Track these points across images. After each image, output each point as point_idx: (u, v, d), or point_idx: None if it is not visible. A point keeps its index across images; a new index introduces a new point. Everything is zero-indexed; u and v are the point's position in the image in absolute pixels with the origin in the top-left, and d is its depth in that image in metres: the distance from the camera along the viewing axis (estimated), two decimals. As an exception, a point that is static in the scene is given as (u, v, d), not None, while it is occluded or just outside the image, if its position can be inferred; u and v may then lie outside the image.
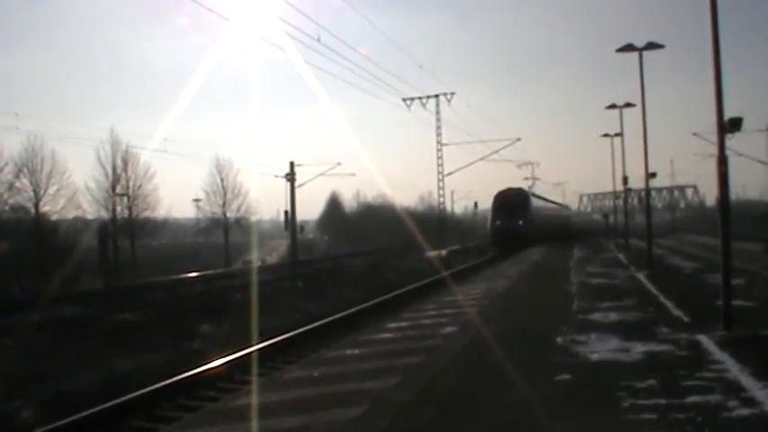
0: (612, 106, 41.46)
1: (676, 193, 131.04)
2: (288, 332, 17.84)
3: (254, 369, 13.95)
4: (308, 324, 19.42)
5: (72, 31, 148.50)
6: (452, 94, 52.07)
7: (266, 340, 16.64)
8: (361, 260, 52.35)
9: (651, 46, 28.42)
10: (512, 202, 54.38)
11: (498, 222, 53.88)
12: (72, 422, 10.63)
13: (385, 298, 25.22)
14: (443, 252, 53.95)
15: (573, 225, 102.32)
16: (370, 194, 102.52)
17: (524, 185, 68.99)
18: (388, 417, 8.02)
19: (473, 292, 21.45)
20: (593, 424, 7.58)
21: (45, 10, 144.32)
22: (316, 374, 10.42)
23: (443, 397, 8.87)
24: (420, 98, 50.87)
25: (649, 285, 21.89)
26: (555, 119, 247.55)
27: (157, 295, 32.61)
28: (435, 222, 62.50)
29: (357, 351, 12.32)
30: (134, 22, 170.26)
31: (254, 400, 8.85)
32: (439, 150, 56.87)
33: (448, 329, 14.20)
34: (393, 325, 15.35)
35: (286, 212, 49.09)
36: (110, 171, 49.17)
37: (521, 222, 53.11)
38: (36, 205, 43.92)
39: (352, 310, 22.16)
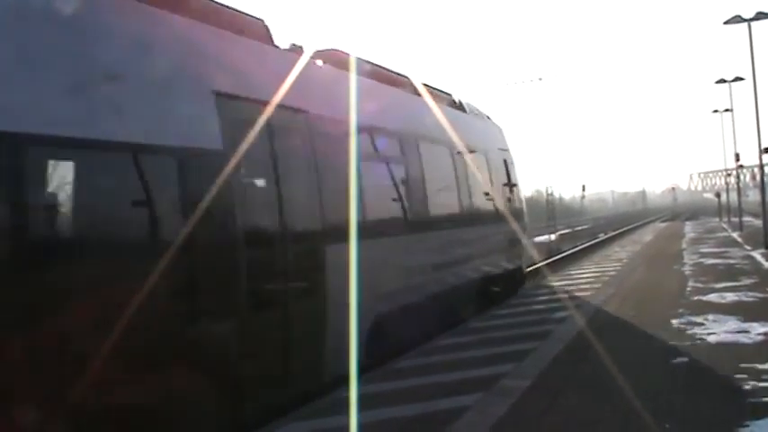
0: (722, 81, 40.11)
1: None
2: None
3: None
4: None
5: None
6: (551, 77, 51.18)
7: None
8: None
9: (761, 16, 27.36)
10: None
11: None
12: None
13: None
14: (552, 237, 47.96)
15: None
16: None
17: None
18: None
19: (583, 276, 21.15)
20: (712, 408, 7.37)
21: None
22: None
23: (559, 382, 8.86)
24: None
25: (767, 264, 21.19)
26: (664, 96, 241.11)
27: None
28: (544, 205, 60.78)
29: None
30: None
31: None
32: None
33: (560, 314, 14.05)
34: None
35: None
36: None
37: None
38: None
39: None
